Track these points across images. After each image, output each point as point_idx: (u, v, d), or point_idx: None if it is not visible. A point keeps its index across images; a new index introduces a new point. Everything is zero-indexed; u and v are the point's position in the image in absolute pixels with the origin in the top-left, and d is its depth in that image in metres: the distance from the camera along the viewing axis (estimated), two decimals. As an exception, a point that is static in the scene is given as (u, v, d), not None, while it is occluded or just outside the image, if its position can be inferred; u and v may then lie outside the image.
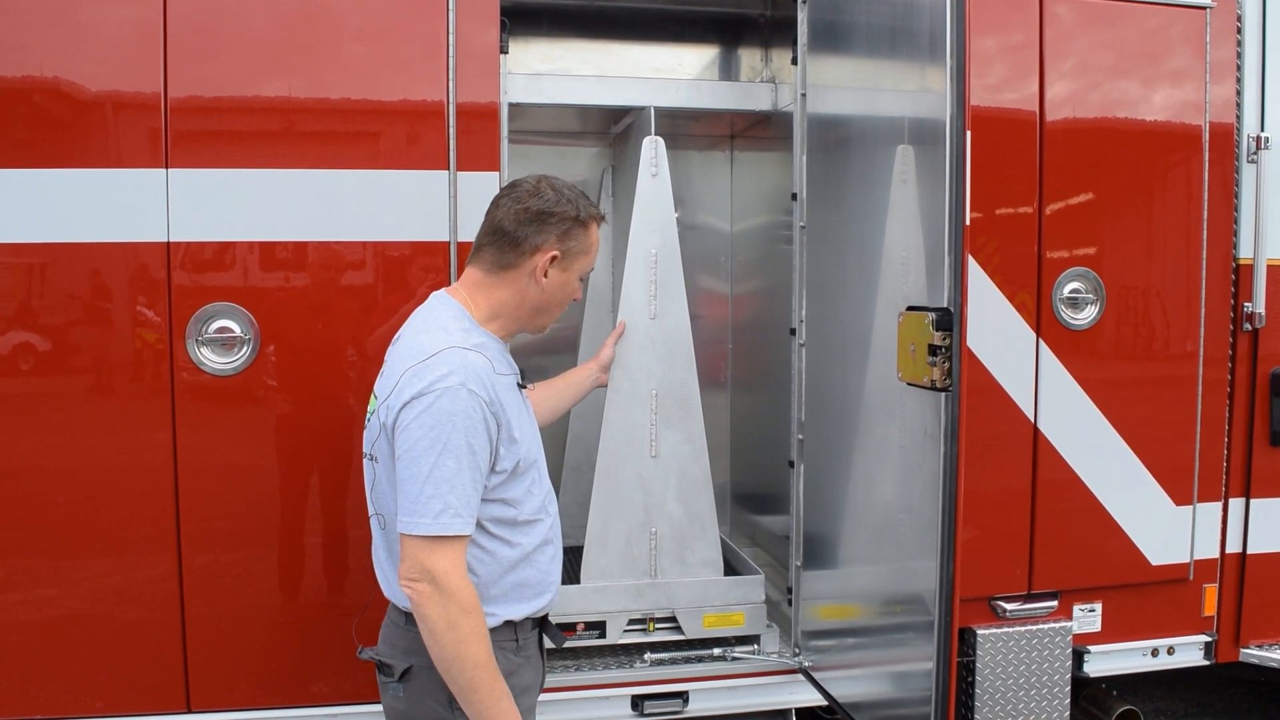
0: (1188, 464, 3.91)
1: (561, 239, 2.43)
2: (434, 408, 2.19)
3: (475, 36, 3.26)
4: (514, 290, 2.44)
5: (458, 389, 2.19)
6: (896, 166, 2.95)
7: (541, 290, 2.44)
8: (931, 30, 2.70)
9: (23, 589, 3.13)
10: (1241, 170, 3.92)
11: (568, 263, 2.45)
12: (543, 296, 2.45)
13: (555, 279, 2.45)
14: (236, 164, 3.14)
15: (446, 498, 2.17)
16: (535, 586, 2.42)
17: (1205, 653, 4.04)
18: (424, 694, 2.34)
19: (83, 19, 3.05)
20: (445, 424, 2.18)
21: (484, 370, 2.26)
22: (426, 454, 2.18)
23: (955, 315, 2.62)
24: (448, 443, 2.18)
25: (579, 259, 2.48)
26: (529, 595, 2.41)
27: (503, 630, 2.38)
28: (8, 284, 3.06)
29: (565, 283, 2.48)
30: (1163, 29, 3.83)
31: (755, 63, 4.52)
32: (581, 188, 2.51)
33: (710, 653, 3.64)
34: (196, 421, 3.15)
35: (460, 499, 2.18)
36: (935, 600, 2.69)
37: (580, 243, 2.47)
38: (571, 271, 2.48)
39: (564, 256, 2.44)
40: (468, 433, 2.19)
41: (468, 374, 2.22)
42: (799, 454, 3.68)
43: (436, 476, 2.17)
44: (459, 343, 2.28)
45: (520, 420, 2.37)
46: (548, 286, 2.44)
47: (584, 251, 2.48)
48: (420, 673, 2.34)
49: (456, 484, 2.18)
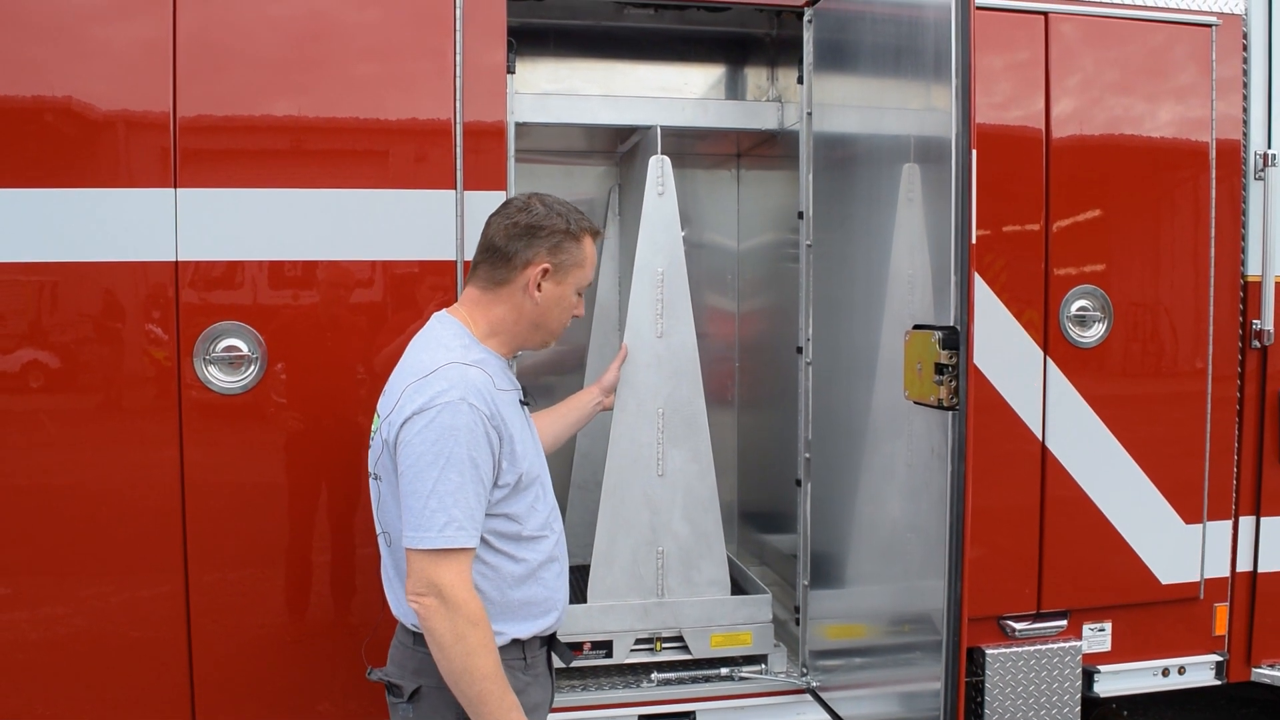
0: (1197, 482, 3.89)
1: (552, 252, 2.44)
2: (435, 423, 2.20)
3: (482, 56, 3.28)
4: (510, 306, 2.46)
5: (458, 403, 2.21)
6: (902, 185, 2.96)
7: (536, 304, 2.45)
8: (937, 49, 2.71)
9: (30, 606, 3.13)
10: (1249, 187, 3.91)
11: (561, 276, 2.46)
12: (538, 311, 2.46)
13: (550, 292, 2.45)
14: (244, 183, 3.15)
15: (450, 511, 2.17)
16: (542, 604, 2.42)
17: (1216, 672, 4.01)
18: (433, 714, 2.33)
19: (93, 38, 3.07)
20: (447, 438, 2.19)
21: (484, 385, 2.27)
22: (429, 469, 2.19)
23: (962, 334, 2.61)
24: (450, 457, 2.19)
25: (573, 272, 2.48)
26: (536, 613, 2.41)
27: (511, 649, 2.37)
28: (17, 302, 3.07)
29: (560, 296, 2.48)
30: (1168, 46, 3.83)
31: (761, 82, 4.53)
32: (588, 206, 2.53)
33: (717, 672, 3.62)
34: (204, 439, 3.16)
35: (464, 512, 2.19)
36: (943, 620, 2.67)
37: (572, 255, 2.47)
38: (566, 285, 2.48)
39: (556, 270, 2.45)
40: (470, 446, 2.20)
41: (468, 389, 2.23)
42: (806, 472, 3.67)
43: (440, 490, 2.18)
44: (459, 359, 2.30)
45: (522, 435, 2.38)
46: (542, 300, 2.45)
47: (577, 265, 2.48)
48: (430, 693, 2.33)
49: (460, 497, 2.18)
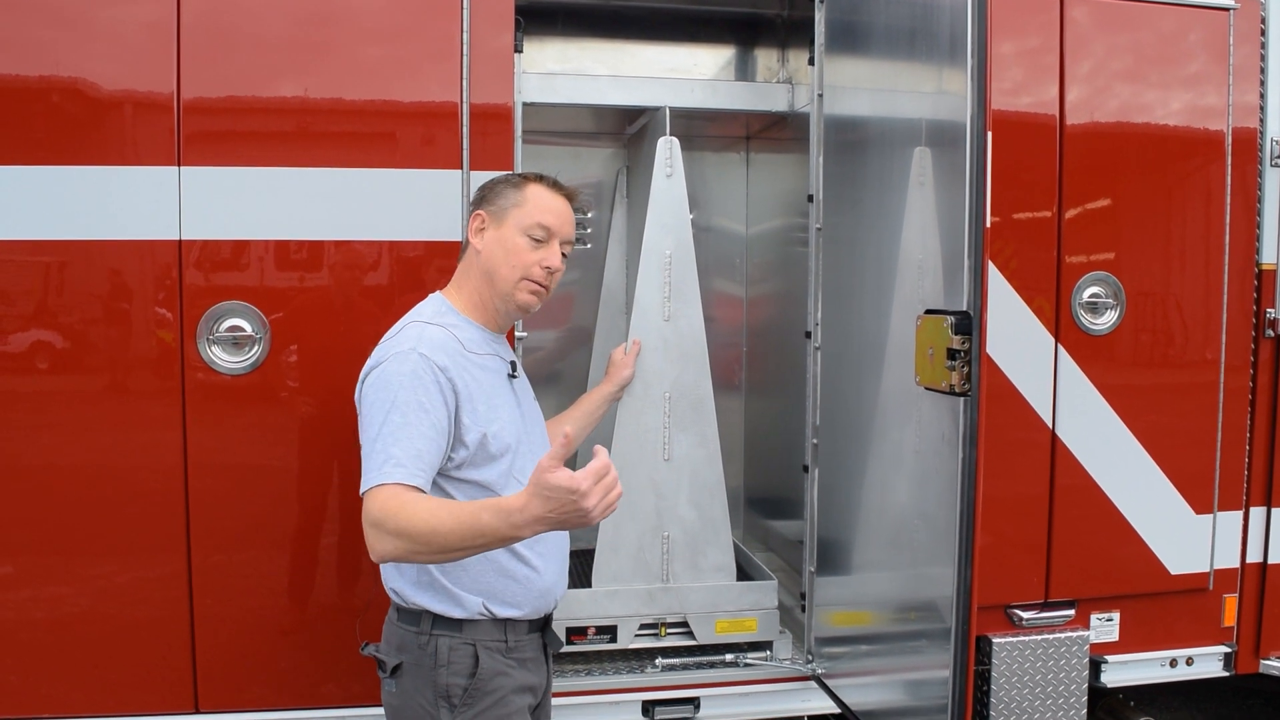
0: (1208, 472, 3.86)
1: (488, 201, 2.51)
2: (385, 372, 2.26)
3: (489, 36, 3.24)
4: (467, 265, 2.53)
5: (407, 353, 2.26)
6: (914, 169, 2.92)
7: (479, 253, 2.49)
8: (952, 32, 2.67)
9: (33, 586, 3.13)
10: (1265, 175, 3.86)
11: (498, 220, 2.49)
12: (484, 260, 2.49)
13: (491, 237, 2.49)
14: (249, 162, 3.13)
15: (389, 450, 2.17)
16: (524, 583, 2.40)
17: (1225, 664, 3.98)
18: (413, 690, 2.36)
19: (99, 19, 3.05)
20: (393, 384, 2.23)
21: (443, 340, 2.32)
22: (376, 414, 2.22)
23: (975, 319, 2.59)
24: (394, 401, 2.21)
25: (510, 213, 2.48)
26: (518, 592, 2.39)
27: (489, 627, 2.37)
28: (20, 281, 3.06)
29: (502, 239, 2.48)
30: (1184, 31, 3.78)
31: (772, 63, 4.49)
32: (595, 188, 2.53)
33: (722, 658, 3.60)
34: (207, 420, 3.14)
35: (404, 450, 2.17)
36: (952, 607, 2.66)
37: (508, 199, 2.49)
38: (506, 227, 2.48)
39: (492, 216, 2.49)
40: (415, 390, 2.22)
41: (419, 340, 2.29)
42: (813, 458, 3.65)
43: (384, 434, 2.19)
44: (424, 320, 2.37)
45: (493, 399, 2.38)
46: (484, 247, 2.49)
47: (514, 205, 2.49)
48: (409, 669, 2.37)
49: (400, 436, 2.18)
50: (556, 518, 1.90)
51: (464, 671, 2.34)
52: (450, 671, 2.33)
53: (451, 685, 2.33)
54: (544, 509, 1.89)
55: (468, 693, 2.33)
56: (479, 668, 2.34)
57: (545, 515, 1.90)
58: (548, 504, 1.88)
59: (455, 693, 2.33)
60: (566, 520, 1.90)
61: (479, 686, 2.34)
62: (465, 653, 2.35)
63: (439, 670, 2.33)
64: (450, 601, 2.34)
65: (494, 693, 2.36)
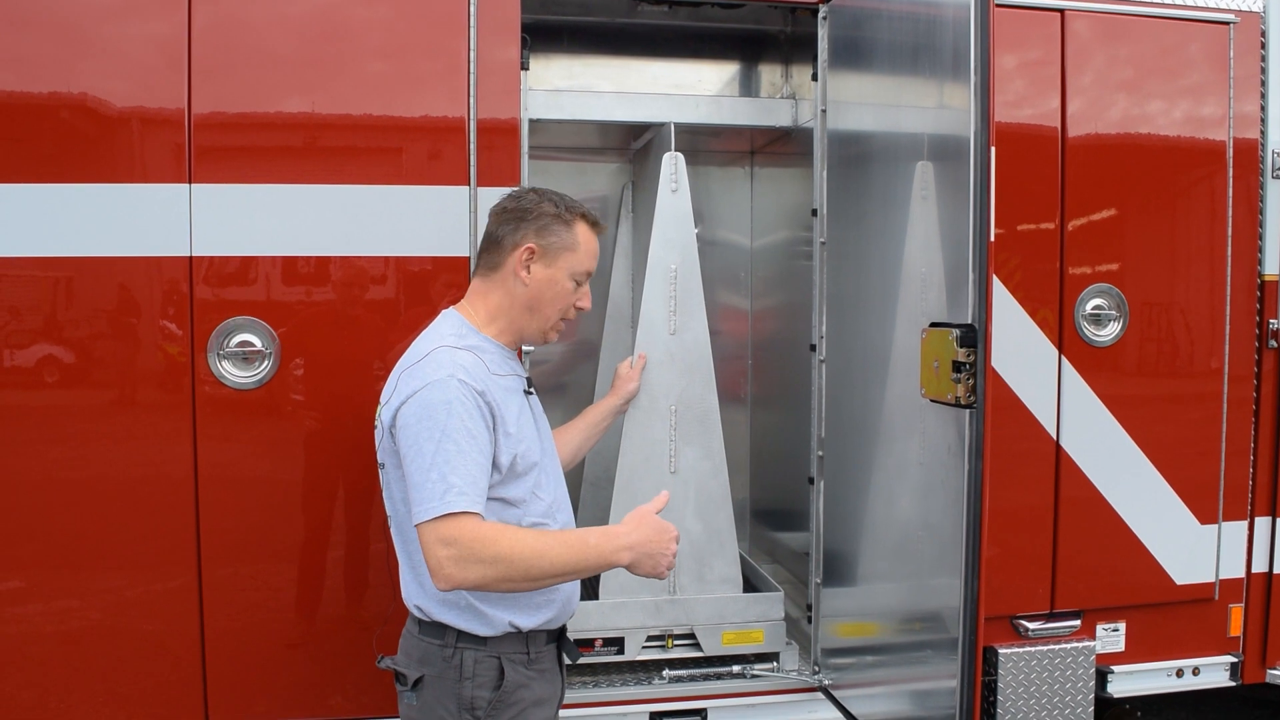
0: (1212, 482, 3.87)
1: (539, 234, 2.47)
2: (428, 401, 2.25)
3: (496, 53, 3.27)
4: (504, 291, 2.50)
5: (447, 380, 2.26)
6: (917, 182, 2.95)
7: (526, 287, 2.48)
8: (955, 48, 2.69)
9: (44, 600, 3.15)
10: (1266, 186, 3.88)
11: (550, 259, 2.48)
12: (529, 294, 2.49)
13: (539, 275, 2.48)
14: (258, 179, 3.16)
15: (449, 479, 2.20)
16: (546, 593, 2.42)
17: (1231, 674, 3.98)
18: (435, 703, 2.37)
19: (109, 36, 3.08)
20: (441, 412, 2.23)
21: (473, 365, 2.33)
22: (426, 444, 2.23)
23: (980, 331, 2.60)
24: (445, 429, 2.22)
25: (563, 255, 2.49)
26: (540, 602, 2.42)
27: (512, 640, 2.39)
28: (33, 297, 3.08)
29: (552, 279, 2.49)
30: (1186, 44, 3.81)
31: (775, 79, 4.52)
32: (601, 203, 2.55)
33: (729, 670, 3.61)
34: (217, 434, 3.16)
35: (463, 479, 2.21)
36: (959, 618, 2.67)
37: (561, 238, 2.49)
38: (557, 268, 2.49)
39: (544, 252, 2.47)
40: (463, 418, 2.24)
41: (455, 367, 2.29)
42: (819, 470, 3.66)
43: (438, 463, 2.21)
44: (450, 344, 2.36)
45: (519, 419, 2.41)
46: (531, 282, 2.48)
47: (567, 248, 2.49)
48: (431, 682, 2.37)
49: (457, 465, 2.21)
50: (644, 550, 2.30)
51: (489, 684, 2.35)
52: (475, 684, 2.35)
53: (477, 698, 2.34)
54: (640, 537, 2.30)
55: (492, 704, 2.35)
56: (504, 680, 2.36)
57: (638, 544, 2.29)
58: (645, 535, 2.30)
59: (480, 704, 2.34)
60: (651, 554, 2.30)
61: (503, 699, 2.36)
62: (490, 665, 2.36)
63: (464, 683, 2.34)
64: (478, 621, 2.36)
65: (516, 704, 2.38)
